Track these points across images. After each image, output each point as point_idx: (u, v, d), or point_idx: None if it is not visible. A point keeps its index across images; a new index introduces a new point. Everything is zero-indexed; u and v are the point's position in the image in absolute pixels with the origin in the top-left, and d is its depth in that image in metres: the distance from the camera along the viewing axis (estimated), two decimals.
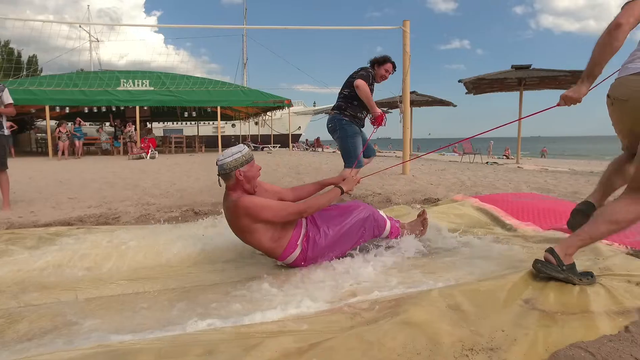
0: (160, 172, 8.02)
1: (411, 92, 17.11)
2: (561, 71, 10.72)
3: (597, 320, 1.51)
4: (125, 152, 15.05)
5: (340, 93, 4.10)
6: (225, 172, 2.18)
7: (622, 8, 1.88)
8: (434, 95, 16.21)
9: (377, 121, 4.03)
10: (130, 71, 16.27)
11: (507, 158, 22.75)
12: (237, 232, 2.25)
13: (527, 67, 11.40)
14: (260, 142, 23.19)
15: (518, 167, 10.18)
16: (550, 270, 1.75)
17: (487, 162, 12.18)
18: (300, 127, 32.04)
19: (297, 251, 2.25)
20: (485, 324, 1.46)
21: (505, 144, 25.69)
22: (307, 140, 31.96)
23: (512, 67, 11.58)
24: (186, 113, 17.33)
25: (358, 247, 2.38)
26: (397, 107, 6.60)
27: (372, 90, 3.93)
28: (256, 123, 26.19)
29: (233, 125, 30.47)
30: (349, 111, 3.98)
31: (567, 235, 2.58)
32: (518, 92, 11.74)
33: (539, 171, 8.49)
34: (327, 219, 2.35)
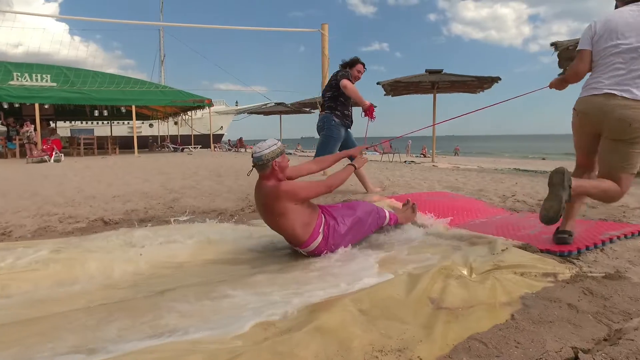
0: (66, 177, 7.33)
1: None
2: (469, 77, 11.62)
3: (490, 312, 1.65)
4: (23, 155, 13.50)
5: (324, 97, 4.57)
6: (262, 163, 2.43)
7: (576, 53, 2.52)
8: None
9: (369, 113, 4.45)
10: (26, 64, 14.52)
11: (424, 156, 24.19)
12: (273, 217, 2.46)
13: (439, 72, 12.21)
14: (180, 142, 22.19)
15: (433, 165, 10.86)
16: (562, 180, 2.18)
17: (405, 161, 12.83)
18: (222, 127, 31.25)
19: (320, 238, 2.51)
20: (394, 326, 1.53)
21: (423, 143, 27.20)
22: (229, 140, 31.28)
23: (426, 71, 12.33)
24: (97, 112, 16.01)
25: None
26: (317, 108, 6.69)
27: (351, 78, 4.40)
28: (175, 123, 25.06)
29: (151, 125, 28.85)
30: (339, 110, 4.45)
31: (473, 231, 2.81)
32: (432, 95, 12.54)
33: (452, 169, 9.11)
34: (340, 211, 2.67)
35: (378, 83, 11.68)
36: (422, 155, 25.48)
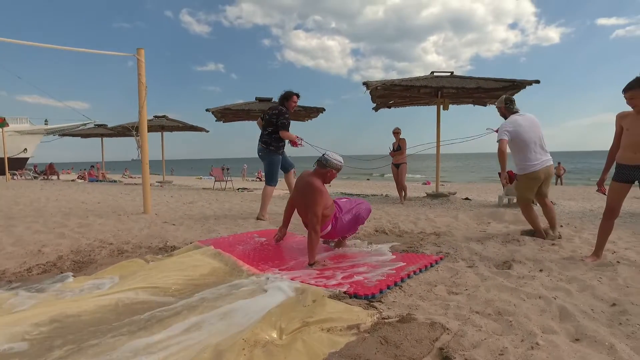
0: None
1: (162, 117, 16.49)
2: (298, 106, 12.20)
3: None
4: None
5: (264, 129, 5.65)
6: (325, 164, 3.34)
7: (498, 141, 4.11)
8: (194, 114, 16.23)
9: (294, 145, 5.67)
10: None
11: (260, 180, 24.55)
12: (304, 201, 3.35)
13: (269, 100, 12.52)
14: None
15: None
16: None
17: (238, 189, 12.68)
18: (26, 149, 26.33)
19: (329, 227, 3.46)
20: None
21: (259, 165, 27.53)
22: (35, 166, 26.50)
23: (256, 99, 12.52)
24: None
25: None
26: (134, 134, 6.05)
27: (289, 120, 5.55)
28: None
29: None
30: (274, 145, 5.58)
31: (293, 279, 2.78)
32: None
33: (280, 198, 9.30)
34: (345, 209, 3.58)
35: (207, 110, 11.36)
36: (257, 179, 25.83)
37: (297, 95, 5.67)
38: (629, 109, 3.16)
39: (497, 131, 4.65)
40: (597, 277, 2.92)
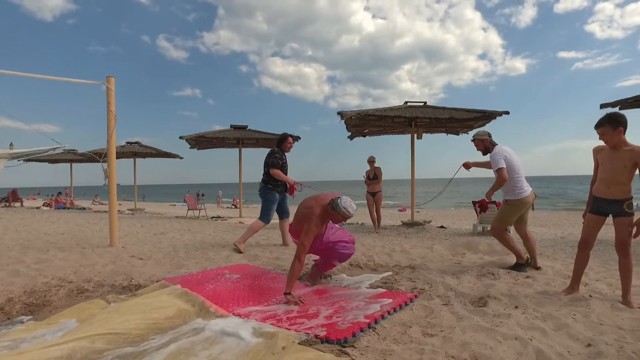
0: None
1: (134, 143, 16.16)
2: (270, 134, 12.19)
3: None
4: None
5: (264, 169, 5.75)
6: (335, 208, 3.31)
7: (496, 172, 4.27)
8: (169, 139, 15.92)
9: (290, 191, 5.81)
10: None
11: (235, 207, 24.19)
12: (300, 223, 3.41)
13: (244, 128, 12.48)
14: None
15: (239, 222, 10.74)
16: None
17: (212, 218, 12.41)
18: None
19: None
20: None
21: (234, 191, 27.15)
22: None
23: (231, 126, 12.45)
24: None
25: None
26: (100, 160, 5.84)
27: (284, 162, 5.76)
28: None
29: None
30: (271, 183, 5.70)
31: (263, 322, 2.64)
32: (237, 149, 12.64)
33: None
34: (332, 238, 3.66)
35: (181, 137, 11.18)
36: (233, 207, 25.45)
37: (293, 137, 5.86)
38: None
39: (468, 168, 4.75)
40: (571, 313, 2.89)
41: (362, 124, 9.38)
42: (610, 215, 3.23)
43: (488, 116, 8.53)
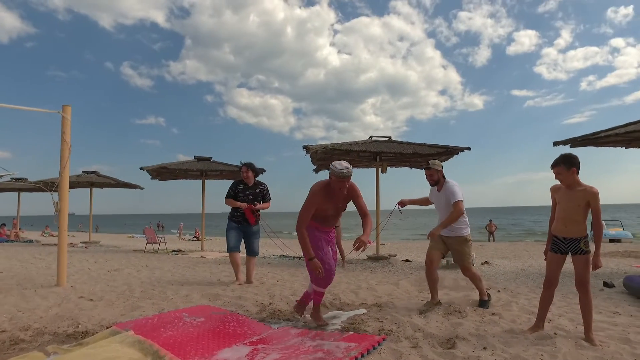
0: None
1: (91, 172, 15.49)
2: (234, 166, 12.00)
3: None
4: None
5: None
6: (330, 171, 3.42)
7: (453, 204, 4.19)
8: (131, 167, 15.26)
9: (249, 218, 5.74)
10: None
11: (198, 239, 23.39)
12: None
13: (208, 159, 12.25)
14: None
15: (201, 257, 10.33)
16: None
17: (172, 252, 11.90)
18: None
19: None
20: None
21: (197, 222, 26.32)
22: None
23: (195, 157, 12.19)
24: None
25: None
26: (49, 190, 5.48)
27: (240, 191, 5.76)
28: None
29: None
30: (230, 212, 5.80)
31: None
32: (201, 181, 12.35)
33: (217, 263, 8.79)
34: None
35: (142, 168, 10.81)
36: (195, 239, 24.63)
37: (245, 165, 5.78)
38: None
39: (404, 206, 4.69)
40: (539, 353, 2.86)
41: (327, 157, 9.41)
42: (570, 253, 3.30)
43: (450, 151, 8.77)
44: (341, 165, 3.38)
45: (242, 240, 5.85)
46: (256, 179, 5.88)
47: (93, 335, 3.27)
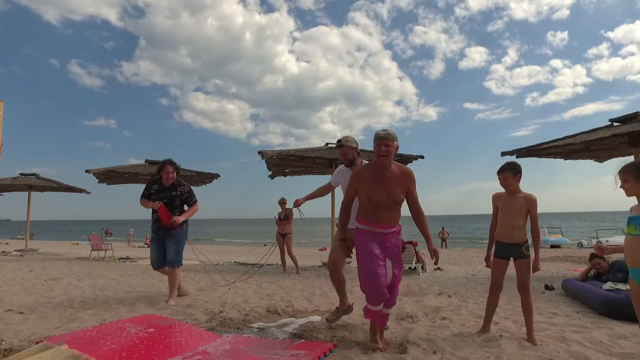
0: None
1: (31, 175, 14.51)
2: (190, 171, 11.67)
3: None
4: None
5: None
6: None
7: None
8: (77, 171, 14.41)
9: (160, 215, 4.77)
10: None
11: (148, 246, 22.52)
12: None
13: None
14: None
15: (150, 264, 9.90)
16: None
17: (120, 259, 11.33)
18: None
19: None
20: None
21: (148, 229, 25.33)
22: None
23: (146, 161, 11.72)
24: None
25: None
26: None
27: (154, 192, 4.88)
28: None
29: None
30: (152, 215, 4.94)
31: None
32: None
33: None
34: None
35: (87, 171, 10.24)
36: (145, 245, 23.70)
37: (171, 164, 4.87)
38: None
39: (299, 205, 4.35)
40: (485, 355, 2.93)
41: (283, 163, 9.34)
42: (512, 258, 3.43)
43: (404, 160, 8.96)
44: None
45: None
46: (177, 178, 4.96)
47: (18, 352, 2.97)
